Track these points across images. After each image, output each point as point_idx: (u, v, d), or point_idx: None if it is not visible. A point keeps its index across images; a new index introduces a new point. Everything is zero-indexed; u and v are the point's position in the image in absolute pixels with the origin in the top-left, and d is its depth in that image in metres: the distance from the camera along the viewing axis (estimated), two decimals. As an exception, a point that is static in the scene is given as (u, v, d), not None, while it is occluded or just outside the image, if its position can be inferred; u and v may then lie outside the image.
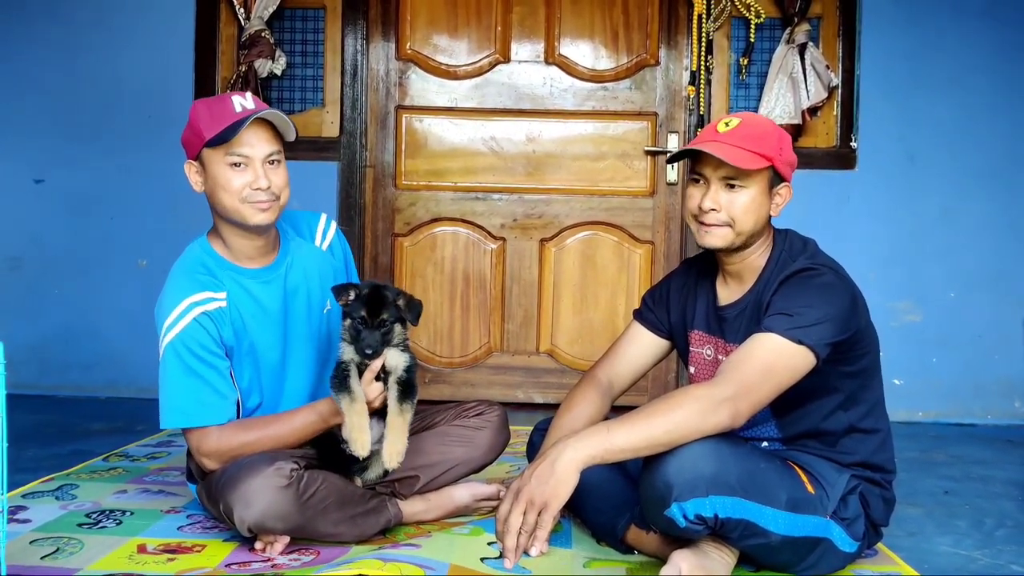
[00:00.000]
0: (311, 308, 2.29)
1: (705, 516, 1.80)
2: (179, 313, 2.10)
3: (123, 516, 2.35)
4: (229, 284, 2.17)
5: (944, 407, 4.09)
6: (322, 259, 2.34)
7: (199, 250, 2.21)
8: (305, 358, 2.28)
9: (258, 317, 2.18)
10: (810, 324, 1.87)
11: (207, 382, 2.10)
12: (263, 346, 2.20)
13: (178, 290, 2.13)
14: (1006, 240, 4.09)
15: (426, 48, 4.19)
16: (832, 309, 1.90)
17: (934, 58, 4.07)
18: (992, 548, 2.30)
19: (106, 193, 4.17)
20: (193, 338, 2.09)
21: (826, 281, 1.94)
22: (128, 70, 4.15)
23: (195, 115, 2.12)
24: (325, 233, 2.38)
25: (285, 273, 2.24)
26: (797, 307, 1.89)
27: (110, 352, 4.15)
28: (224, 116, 2.08)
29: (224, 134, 2.06)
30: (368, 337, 2.03)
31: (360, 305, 2.06)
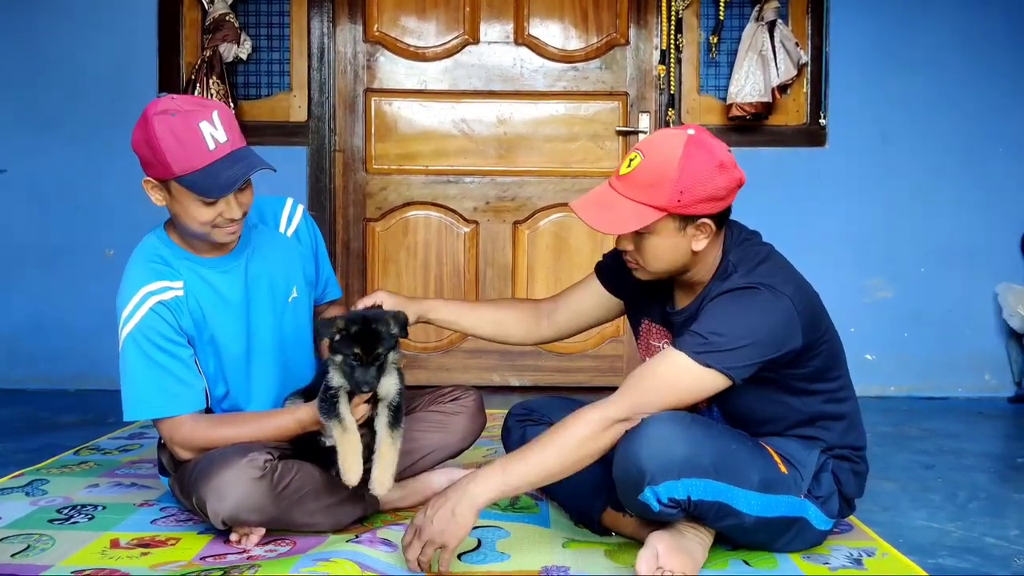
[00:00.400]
0: (275, 297, 2.23)
1: (679, 499, 1.80)
2: (136, 303, 2.05)
3: (95, 511, 2.32)
4: (186, 273, 2.11)
5: (916, 381, 4.13)
6: (287, 246, 2.28)
7: (156, 240, 2.16)
8: (271, 348, 2.23)
9: (218, 307, 2.14)
10: (726, 348, 1.81)
11: (170, 371, 2.06)
12: (225, 337, 2.15)
13: (134, 280, 2.08)
14: (977, 216, 4.12)
15: (394, 30, 4.14)
16: (758, 332, 1.82)
17: (904, 35, 4.08)
18: (966, 520, 2.33)
19: (71, 182, 4.10)
20: (152, 328, 2.05)
21: (757, 302, 1.85)
22: (90, 56, 4.07)
23: (158, 139, 1.93)
24: (291, 219, 2.31)
25: (246, 262, 2.19)
26: (716, 329, 1.83)
27: (79, 344, 4.09)
28: (196, 152, 1.93)
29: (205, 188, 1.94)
30: (362, 375, 1.96)
31: (352, 343, 1.97)
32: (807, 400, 1.97)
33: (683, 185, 1.84)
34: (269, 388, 2.23)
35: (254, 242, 2.22)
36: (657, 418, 1.83)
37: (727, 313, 1.85)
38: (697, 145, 1.86)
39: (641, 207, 1.86)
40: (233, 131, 2.00)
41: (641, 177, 1.86)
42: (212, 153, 1.95)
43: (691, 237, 1.91)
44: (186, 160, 1.94)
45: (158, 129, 1.94)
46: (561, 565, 1.95)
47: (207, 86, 3.84)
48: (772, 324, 1.84)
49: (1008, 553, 2.09)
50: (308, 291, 2.32)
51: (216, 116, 1.97)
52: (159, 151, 1.94)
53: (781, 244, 4.21)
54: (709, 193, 1.86)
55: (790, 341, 1.86)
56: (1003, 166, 4.11)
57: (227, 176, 1.95)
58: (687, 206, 1.85)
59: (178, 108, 1.96)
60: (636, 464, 1.79)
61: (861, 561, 2.00)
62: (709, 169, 1.85)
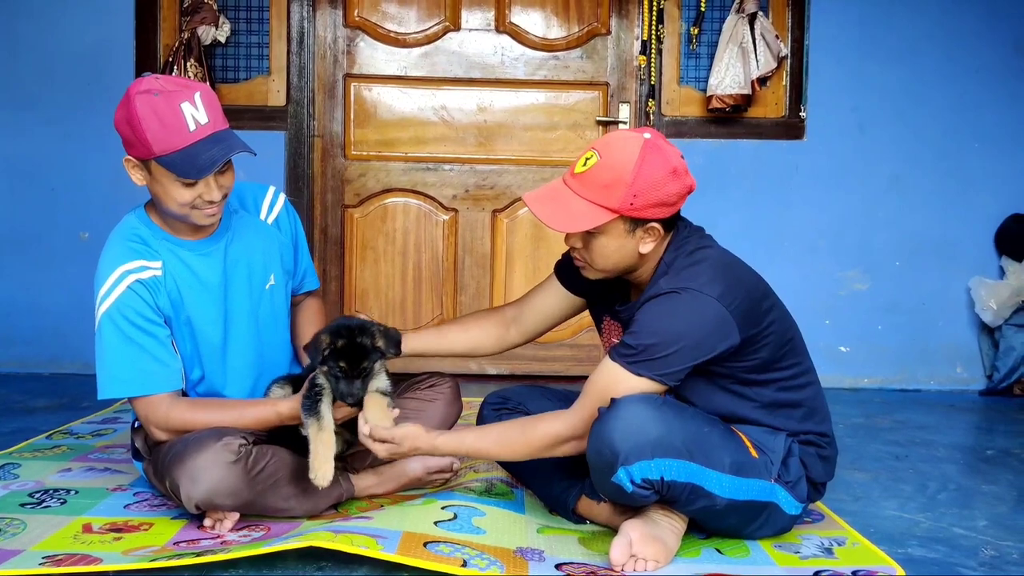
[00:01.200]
0: (252, 283, 2.22)
1: (652, 480, 1.81)
2: (113, 281, 2.04)
3: (67, 495, 2.30)
4: (165, 254, 2.11)
5: (889, 373, 4.17)
6: (267, 233, 2.27)
7: (135, 219, 2.15)
8: (246, 333, 2.22)
9: (196, 289, 2.13)
10: (655, 356, 1.84)
11: (146, 350, 2.05)
12: (201, 319, 2.14)
13: (111, 259, 2.07)
14: (952, 209, 4.16)
15: (374, 15, 4.12)
16: (684, 337, 1.85)
17: (883, 29, 4.11)
18: (935, 511, 2.36)
19: (46, 163, 4.05)
20: (129, 306, 2.04)
21: (680, 306, 1.86)
22: (67, 36, 4.02)
23: (139, 119, 1.93)
24: (272, 206, 2.30)
25: (225, 246, 2.18)
26: (643, 337, 1.86)
27: (53, 327, 4.06)
28: (176, 133, 1.93)
29: (183, 168, 1.94)
30: (347, 387, 1.97)
31: (338, 357, 1.97)
32: (759, 390, 1.99)
33: (637, 189, 1.86)
34: (245, 373, 2.23)
35: (234, 227, 2.21)
36: (630, 399, 1.84)
37: (653, 320, 1.88)
38: (653, 150, 1.88)
39: (594, 207, 1.88)
40: (215, 113, 1.99)
41: (596, 177, 1.88)
42: (192, 134, 1.94)
43: (639, 239, 1.93)
44: (166, 140, 1.93)
45: (140, 109, 1.93)
46: (536, 548, 1.96)
47: (185, 69, 3.80)
48: (698, 327, 1.86)
49: (976, 543, 2.12)
50: (285, 279, 2.31)
51: (198, 97, 1.96)
52: (140, 131, 1.94)
53: (759, 235, 4.28)
54: (661, 198, 1.88)
55: (723, 340, 1.88)
56: (979, 160, 4.15)
57: (206, 157, 1.94)
58: (639, 209, 1.88)
59: (161, 88, 1.95)
60: (609, 444, 1.81)
61: (832, 550, 2.02)
62: (663, 175, 1.87)
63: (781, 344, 1.99)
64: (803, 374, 2.05)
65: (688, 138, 4.05)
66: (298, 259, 2.37)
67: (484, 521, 2.08)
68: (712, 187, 4.00)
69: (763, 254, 3.81)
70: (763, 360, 1.96)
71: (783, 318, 2.01)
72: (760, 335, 1.93)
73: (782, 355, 1.99)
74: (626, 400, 1.84)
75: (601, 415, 1.86)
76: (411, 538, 1.92)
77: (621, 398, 1.85)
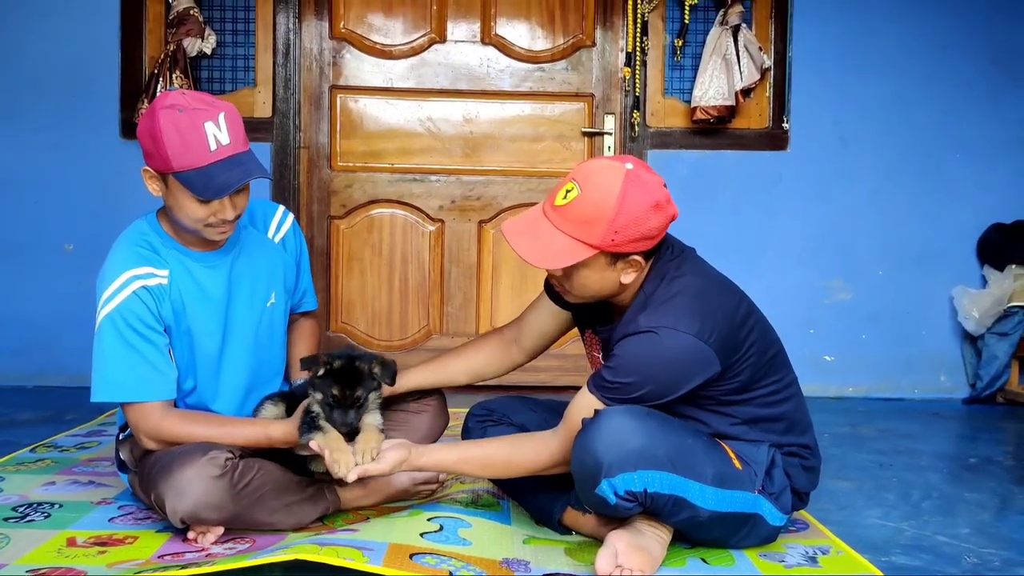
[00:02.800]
0: (254, 299, 2.22)
1: (635, 491, 1.82)
2: (119, 285, 2.03)
3: (52, 509, 2.29)
4: (172, 263, 2.11)
5: (873, 382, 4.20)
6: (272, 252, 2.28)
7: (146, 226, 2.14)
8: (243, 348, 2.22)
9: (199, 301, 2.13)
10: (631, 395, 1.86)
11: (144, 357, 2.05)
12: (201, 331, 2.14)
13: (119, 262, 2.07)
14: (934, 219, 4.20)
15: (360, 27, 4.13)
16: (661, 376, 1.86)
17: (865, 42, 4.15)
18: (919, 519, 2.38)
19: (31, 175, 4.04)
20: (132, 311, 2.03)
21: (658, 347, 1.85)
22: (52, 49, 4.02)
23: (162, 133, 1.94)
24: (280, 226, 2.31)
25: (232, 260, 2.18)
26: (620, 375, 1.87)
27: (37, 339, 4.04)
28: (197, 151, 1.94)
29: (200, 187, 1.94)
30: (342, 417, 1.97)
31: (332, 382, 1.97)
32: (739, 408, 2.00)
33: (619, 225, 1.83)
34: (237, 388, 2.22)
35: (242, 242, 2.21)
36: (613, 411, 1.85)
37: (631, 358, 1.88)
38: (635, 183, 1.84)
39: (574, 243, 1.86)
40: (237, 135, 2.00)
41: (577, 212, 1.85)
42: (212, 154, 1.95)
43: (620, 271, 1.93)
44: (186, 157, 1.95)
45: (163, 123, 1.94)
46: (522, 559, 1.97)
47: (170, 80, 3.80)
48: (676, 365, 1.87)
49: (959, 551, 2.13)
50: (286, 298, 2.32)
51: (223, 117, 1.98)
52: (161, 144, 1.95)
53: (743, 246, 4.31)
54: (643, 233, 1.86)
55: (703, 373, 1.89)
56: (960, 171, 4.20)
57: (223, 179, 1.95)
58: (620, 245, 1.86)
59: (186, 105, 1.96)
60: (593, 456, 1.82)
61: (816, 559, 2.03)
62: (645, 209, 1.84)
63: (762, 363, 1.99)
64: (784, 388, 2.05)
65: (673, 149, 4.07)
66: (300, 278, 2.38)
67: (470, 532, 2.08)
68: (696, 198, 4.03)
69: (747, 264, 3.83)
70: (743, 382, 1.97)
71: (764, 336, 2.01)
72: (741, 359, 1.94)
73: (763, 374, 2.00)
74: (609, 412, 1.85)
75: (585, 427, 1.87)
76: (397, 550, 1.92)
77: (605, 409, 1.87)
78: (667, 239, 2.03)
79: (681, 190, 1.99)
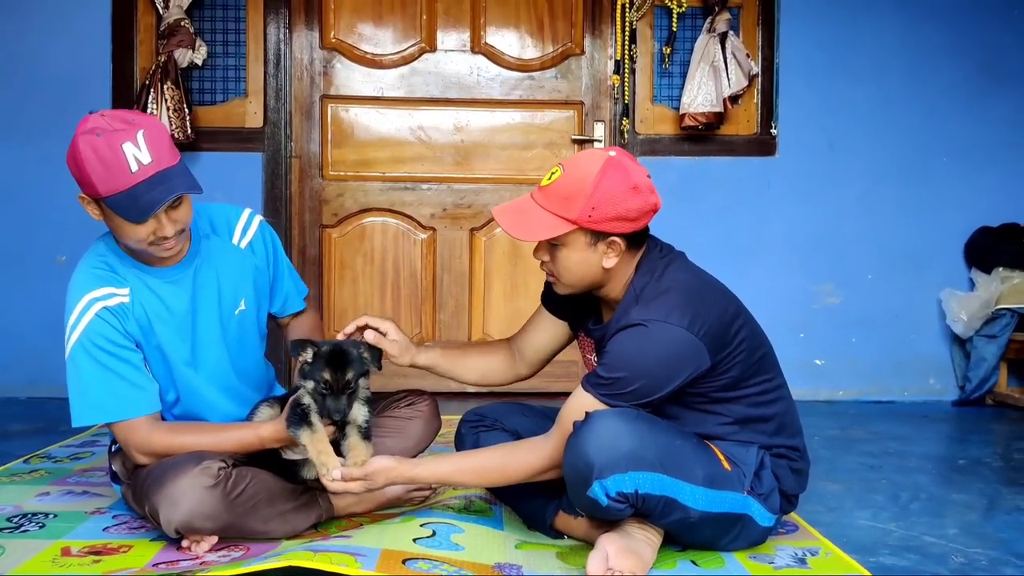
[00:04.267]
0: (222, 309, 2.21)
1: (626, 492, 1.84)
2: (80, 310, 2.04)
3: (46, 519, 2.30)
4: (132, 281, 2.10)
5: (863, 385, 4.23)
6: (239, 258, 2.26)
7: (103, 247, 2.14)
8: (217, 358, 2.21)
9: (163, 317, 2.12)
10: (627, 389, 1.89)
11: (120, 375, 2.05)
12: (170, 346, 2.13)
13: (79, 287, 2.06)
14: (921, 223, 4.24)
15: (351, 37, 4.15)
16: (655, 370, 1.89)
17: (852, 48, 4.19)
18: (907, 520, 2.40)
19: (22, 187, 4.05)
20: (98, 333, 2.03)
21: (650, 339, 1.89)
22: (43, 60, 4.03)
23: (83, 160, 1.91)
24: (245, 230, 2.28)
25: (194, 273, 2.17)
26: (615, 370, 1.90)
27: (29, 351, 4.04)
28: (118, 175, 1.90)
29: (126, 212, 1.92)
30: (334, 403, 1.98)
31: (322, 367, 1.99)
32: (729, 407, 2.02)
33: (595, 201, 1.91)
34: (220, 396, 2.23)
35: (203, 252, 2.20)
36: (604, 414, 1.87)
37: (623, 353, 1.91)
38: (615, 166, 1.93)
39: (554, 218, 1.94)
40: (159, 151, 1.94)
41: (558, 190, 1.95)
42: (134, 176, 1.91)
43: (602, 254, 1.97)
44: (109, 182, 1.92)
45: (83, 149, 1.91)
46: (514, 563, 1.98)
47: (161, 91, 3.82)
48: (668, 358, 1.90)
49: (946, 551, 2.15)
50: (257, 304, 2.30)
51: (141, 136, 1.92)
52: (84, 172, 1.93)
53: (732, 251, 4.32)
54: (620, 212, 1.92)
55: (694, 366, 1.92)
56: (947, 175, 4.23)
57: (147, 199, 1.92)
58: (597, 222, 1.92)
59: (104, 127, 1.92)
60: (584, 458, 1.84)
61: (805, 560, 2.05)
62: (622, 190, 1.92)
63: (752, 362, 2.02)
64: (774, 389, 2.08)
65: (662, 155, 4.10)
66: (277, 280, 2.35)
67: (462, 538, 2.09)
68: (686, 203, 4.06)
69: (737, 269, 3.86)
70: (733, 378, 1.99)
71: (753, 335, 2.04)
72: (730, 355, 1.97)
73: (752, 372, 2.02)
74: (600, 415, 1.87)
75: (576, 430, 1.89)
76: (390, 555, 1.94)
77: (595, 412, 1.89)
78: (656, 240, 2.07)
79: (671, 196, 2.02)
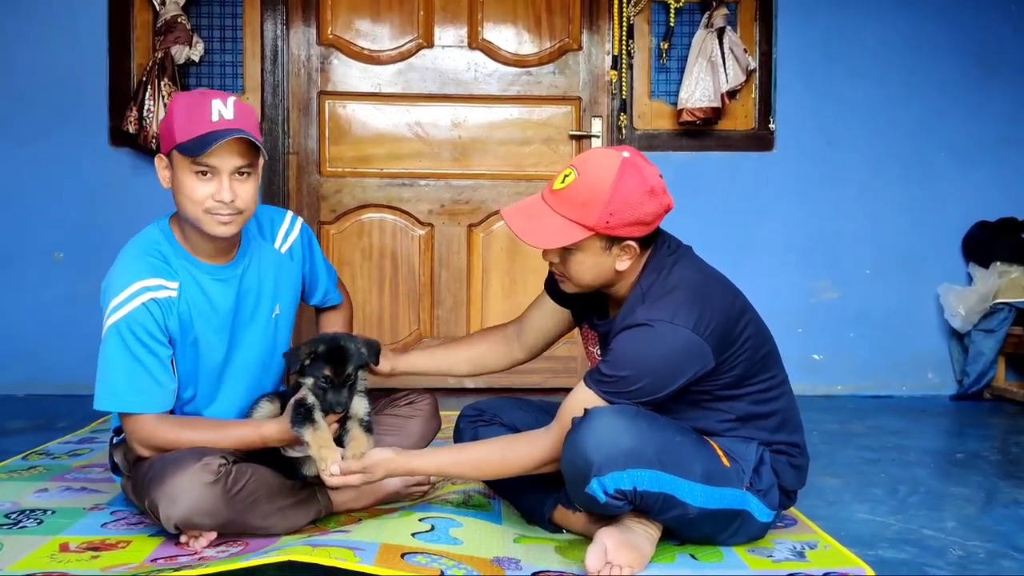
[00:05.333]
0: (260, 312, 2.22)
1: (625, 490, 1.84)
2: (128, 296, 2.03)
3: (44, 515, 2.29)
4: (183, 275, 2.10)
5: (862, 380, 4.23)
6: (279, 263, 2.27)
7: (158, 233, 2.14)
8: (248, 361, 2.22)
9: (206, 314, 2.13)
10: (630, 388, 1.88)
11: (146, 368, 2.05)
12: (206, 343, 2.14)
13: (130, 271, 2.06)
14: (919, 219, 4.24)
15: (348, 33, 4.15)
16: (660, 369, 1.89)
17: (850, 42, 4.19)
18: (906, 514, 2.40)
19: (19, 185, 4.04)
20: (138, 323, 2.03)
21: (655, 339, 1.88)
22: (39, 58, 4.02)
23: (173, 110, 2.04)
24: (287, 235, 2.29)
25: (242, 274, 2.18)
26: (618, 368, 1.89)
27: (28, 349, 4.04)
28: (199, 122, 1.99)
29: (193, 147, 1.98)
30: (335, 396, 2.00)
31: (323, 364, 2.00)
32: (732, 404, 2.02)
33: (613, 207, 1.88)
34: (237, 398, 2.23)
35: (252, 254, 2.21)
36: (602, 411, 1.87)
37: (628, 352, 1.90)
38: (631, 169, 1.90)
39: (570, 224, 1.91)
40: (245, 117, 2.04)
41: (574, 194, 1.90)
42: (212, 124, 2.00)
43: (616, 257, 1.96)
44: (187, 129, 2.00)
45: (176, 104, 2.05)
46: (512, 557, 1.98)
47: (159, 88, 3.81)
48: (672, 359, 1.89)
49: (944, 544, 2.16)
50: (292, 308, 2.32)
51: (231, 100, 2.04)
52: (170, 122, 2.04)
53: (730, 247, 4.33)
54: (637, 217, 1.90)
55: (697, 366, 1.91)
56: (945, 170, 4.24)
57: (214, 137, 1.98)
58: (614, 228, 1.90)
59: (203, 91, 2.10)
60: (583, 455, 1.83)
61: (804, 554, 2.05)
62: (640, 194, 1.90)
63: (756, 360, 2.01)
64: (777, 386, 2.08)
65: (660, 151, 4.10)
66: (316, 277, 2.38)
67: (461, 532, 2.09)
68: (683, 199, 4.00)
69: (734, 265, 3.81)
70: (737, 376, 1.99)
71: (758, 333, 2.04)
72: (735, 354, 1.96)
73: (756, 370, 2.02)
74: (599, 411, 1.87)
75: (575, 426, 1.89)
76: (388, 550, 1.94)
77: (594, 409, 1.88)
78: (664, 235, 2.06)
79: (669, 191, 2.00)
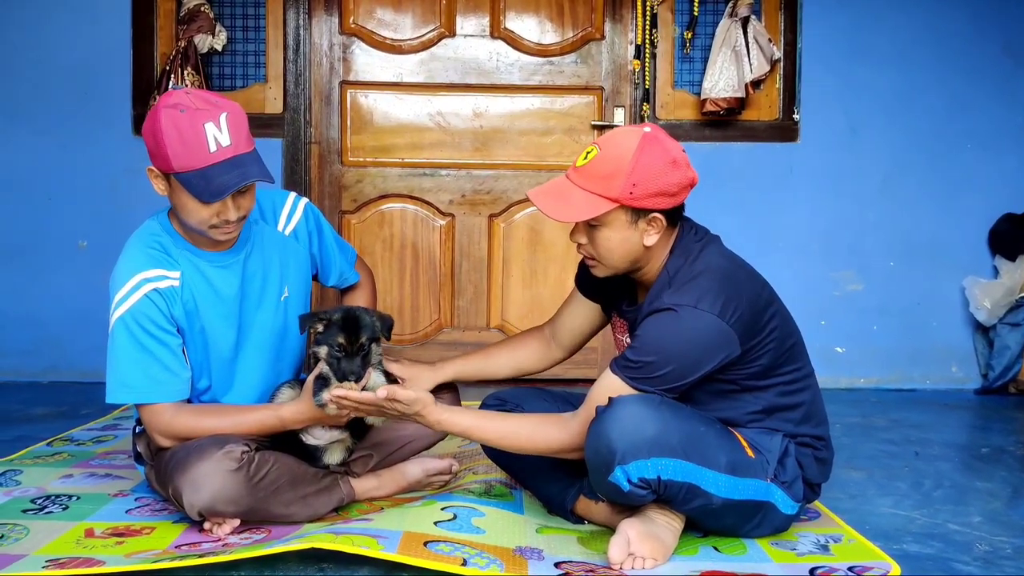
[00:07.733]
0: (267, 296, 2.22)
1: (648, 479, 1.83)
2: (130, 288, 2.05)
3: (69, 501, 2.32)
4: (184, 264, 2.11)
5: (884, 373, 4.19)
6: (284, 245, 2.27)
7: (157, 225, 2.15)
8: (260, 346, 2.23)
9: (211, 301, 2.13)
10: (656, 374, 1.88)
11: (157, 358, 2.06)
12: (215, 331, 2.15)
13: (130, 264, 2.08)
14: (945, 211, 4.19)
15: (370, 22, 4.14)
16: (684, 355, 1.88)
17: (875, 32, 4.14)
18: (930, 508, 2.38)
19: (42, 173, 4.07)
20: (143, 313, 2.04)
21: (680, 325, 1.88)
22: (62, 46, 4.04)
23: (163, 133, 1.94)
24: (290, 216, 2.28)
25: (244, 259, 2.18)
26: (644, 354, 1.89)
27: (51, 336, 4.07)
28: (197, 152, 1.93)
29: (199, 191, 1.94)
30: (348, 364, 2.01)
31: (336, 332, 2.02)
32: (759, 395, 2.01)
33: (636, 178, 1.89)
34: (253, 385, 2.24)
35: (253, 238, 2.21)
36: (627, 399, 1.87)
37: (654, 337, 1.90)
38: (652, 141, 1.91)
39: (595, 197, 1.91)
40: (239, 135, 1.98)
41: (596, 169, 1.92)
42: (212, 156, 1.94)
43: (642, 231, 1.95)
44: (185, 158, 1.94)
45: (164, 123, 1.94)
46: (535, 547, 1.98)
47: (182, 77, 3.82)
48: (697, 345, 1.89)
49: (970, 539, 2.14)
50: (302, 290, 2.32)
51: (224, 118, 1.96)
52: (162, 145, 1.95)
53: (753, 238, 4.30)
54: (661, 188, 1.91)
55: (724, 353, 1.91)
56: (971, 161, 4.18)
57: (221, 182, 1.94)
58: (639, 199, 1.90)
59: (188, 105, 1.95)
60: (607, 443, 1.83)
61: (828, 547, 2.04)
62: (662, 164, 1.90)
63: (782, 350, 2.01)
64: (803, 378, 2.07)
65: (683, 141, 4.00)
66: (327, 258, 2.36)
67: (483, 521, 2.09)
68: (706, 190, 3.98)
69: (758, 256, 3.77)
70: (764, 366, 1.98)
71: (785, 324, 2.03)
72: (761, 343, 1.96)
73: (783, 360, 2.01)
74: (623, 400, 1.87)
75: (599, 414, 1.88)
76: (411, 538, 1.94)
77: (618, 397, 1.88)
78: (692, 222, 2.07)
79: (692, 171, 1.99)
